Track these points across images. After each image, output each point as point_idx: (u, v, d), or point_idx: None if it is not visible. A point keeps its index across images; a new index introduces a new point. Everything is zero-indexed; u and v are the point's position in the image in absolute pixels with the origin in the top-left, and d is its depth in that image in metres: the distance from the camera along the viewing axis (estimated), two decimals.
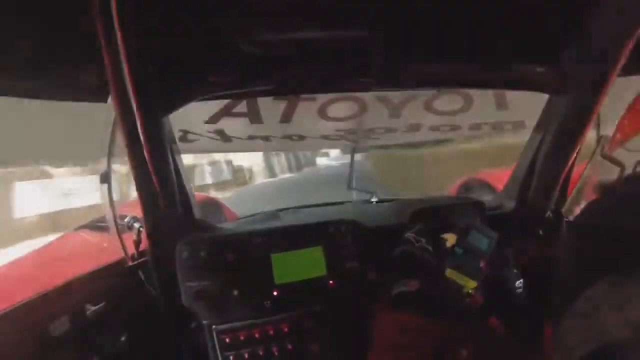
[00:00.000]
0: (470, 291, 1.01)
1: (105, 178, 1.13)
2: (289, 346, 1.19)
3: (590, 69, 1.00)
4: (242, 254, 1.16)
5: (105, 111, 1.04)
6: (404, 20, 0.98)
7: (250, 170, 17.26)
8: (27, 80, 0.88)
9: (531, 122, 1.46)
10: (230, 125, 1.51)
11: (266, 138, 1.70)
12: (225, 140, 1.65)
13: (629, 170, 0.40)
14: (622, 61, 0.93)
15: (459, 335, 1.07)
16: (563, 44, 1.03)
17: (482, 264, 1.02)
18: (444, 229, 1.05)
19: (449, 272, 0.99)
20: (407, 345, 0.88)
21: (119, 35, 0.76)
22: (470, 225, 1.01)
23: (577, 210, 0.47)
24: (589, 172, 0.52)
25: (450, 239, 1.07)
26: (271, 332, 1.17)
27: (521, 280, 1.04)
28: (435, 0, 0.90)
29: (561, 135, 1.18)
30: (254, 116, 1.45)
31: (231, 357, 1.16)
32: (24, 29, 0.78)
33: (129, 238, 1.20)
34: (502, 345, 1.04)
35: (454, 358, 1.03)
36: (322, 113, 1.48)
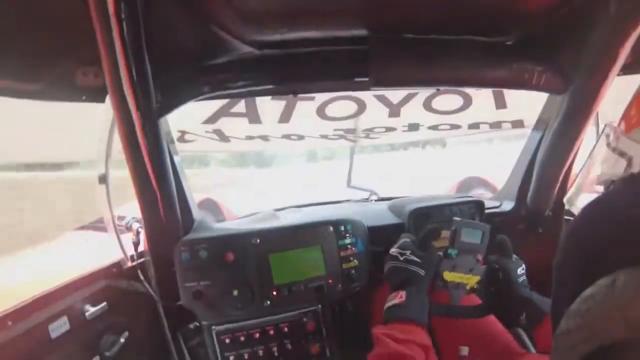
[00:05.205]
0: (475, 286, 1.02)
1: (104, 179, 1.12)
2: (289, 346, 1.19)
3: (590, 68, 1.00)
4: (241, 254, 1.16)
5: (104, 112, 1.04)
6: (403, 19, 0.98)
7: None
8: (25, 80, 0.88)
9: (530, 121, 1.46)
10: (229, 125, 1.51)
11: (265, 138, 1.70)
12: (223, 140, 1.65)
13: (637, 162, 0.40)
14: (621, 60, 0.93)
15: (459, 332, 1.07)
16: (562, 43, 1.03)
17: (479, 258, 1.02)
18: (434, 235, 1.03)
19: (447, 275, 0.99)
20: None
21: (116, 35, 0.75)
22: (461, 223, 1.00)
23: (577, 209, 0.47)
24: (588, 167, 0.51)
25: (440, 242, 1.06)
26: (271, 332, 1.17)
27: (523, 267, 1.03)
28: (435, 2, 0.89)
29: (560, 134, 1.18)
30: (253, 116, 1.45)
31: (231, 358, 1.16)
32: (23, 29, 0.78)
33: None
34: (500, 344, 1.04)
35: (455, 354, 1.04)
36: (321, 113, 1.48)
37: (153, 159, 0.95)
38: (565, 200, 0.52)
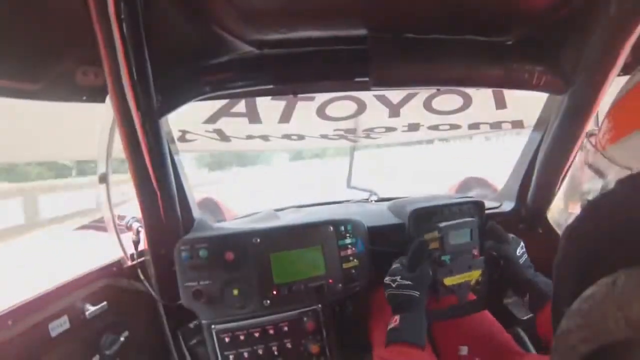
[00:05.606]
0: (479, 279, 1.02)
1: (104, 179, 1.13)
2: (289, 345, 1.19)
3: (589, 68, 1.00)
4: (241, 254, 1.16)
5: (104, 111, 1.04)
6: (403, 19, 0.98)
7: None
8: (25, 80, 0.88)
9: (530, 121, 1.46)
10: (229, 125, 1.51)
11: (265, 138, 1.70)
12: (224, 140, 1.65)
13: (610, 184, 0.39)
14: (621, 60, 0.93)
15: (458, 332, 1.07)
16: (562, 43, 1.03)
17: (474, 253, 1.02)
18: (423, 249, 1.02)
19: (448, 281, 0.99)
20: None
21: (117, 35, 0.75)
22: (446, 228, 1.00)
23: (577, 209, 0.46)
24: (569, 180, 0.50)
25: (435, 244, 1.06)
26: (271, 331, 1.18)
27: (522, 245, 1.03)
28: (435, 2, 0.89)
29: (560, 134, 1.18)
30: (253, 116, 1.45)
31: (231, 357, 1.16)
32: (23, 29, 0.78)
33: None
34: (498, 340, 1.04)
35: (454, 354, 1.04)
36: (321, 113, 1.48)
37: (153, 159, 0.95)
38: (549, 216, 0.51)
